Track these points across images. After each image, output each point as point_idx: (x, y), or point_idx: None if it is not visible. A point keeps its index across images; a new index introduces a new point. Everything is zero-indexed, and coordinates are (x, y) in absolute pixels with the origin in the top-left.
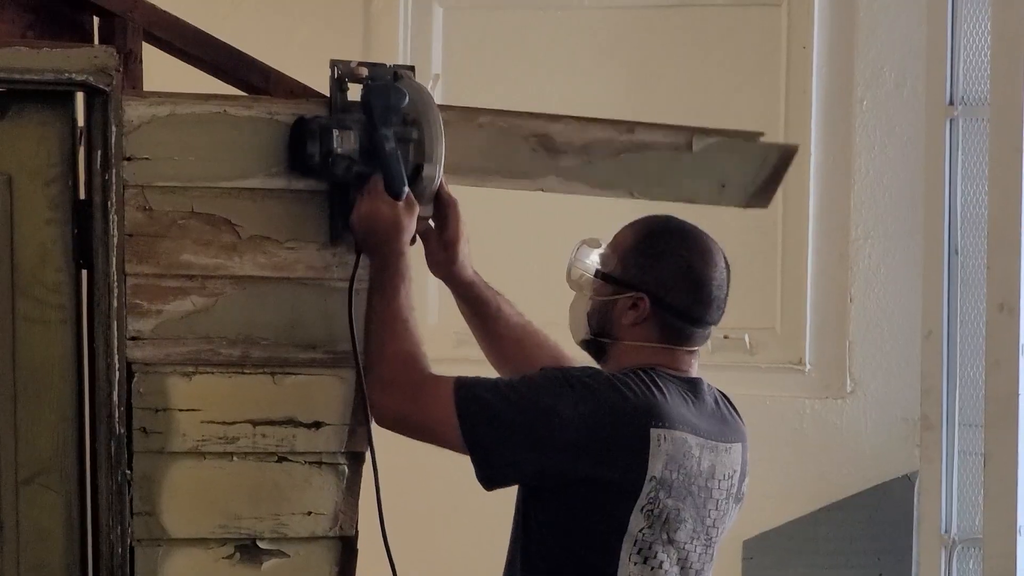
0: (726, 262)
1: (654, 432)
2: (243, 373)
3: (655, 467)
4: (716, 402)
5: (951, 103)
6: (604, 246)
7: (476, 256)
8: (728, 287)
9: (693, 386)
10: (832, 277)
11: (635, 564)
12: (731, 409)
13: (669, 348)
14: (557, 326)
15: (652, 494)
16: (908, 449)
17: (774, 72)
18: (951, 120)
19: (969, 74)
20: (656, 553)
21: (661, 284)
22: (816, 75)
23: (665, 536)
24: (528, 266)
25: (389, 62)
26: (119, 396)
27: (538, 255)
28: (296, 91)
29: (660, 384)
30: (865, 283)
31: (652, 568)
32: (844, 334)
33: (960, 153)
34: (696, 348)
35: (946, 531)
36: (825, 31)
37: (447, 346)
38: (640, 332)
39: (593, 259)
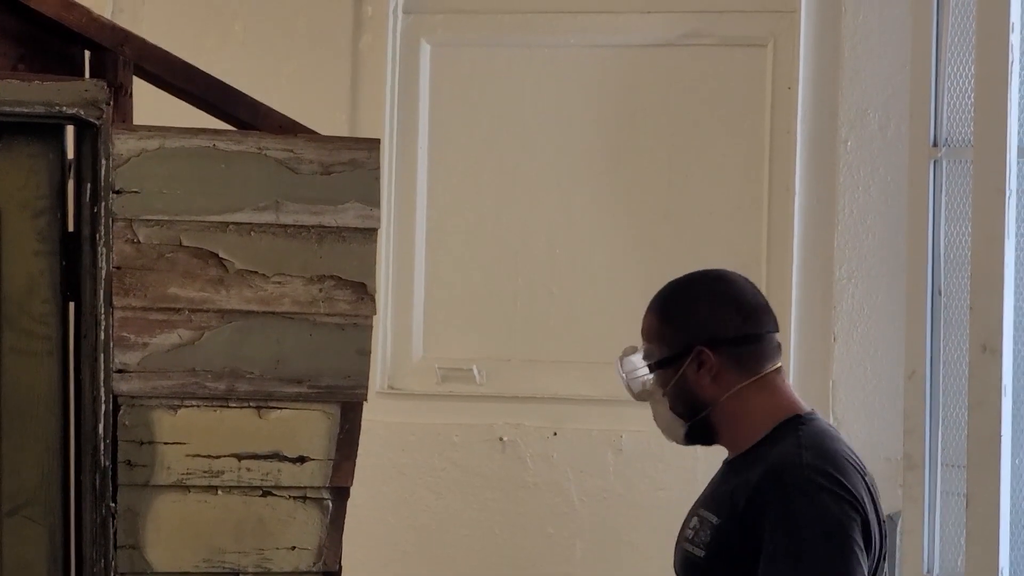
0: (743, 276)
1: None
2: (228, 407)
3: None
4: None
5: (935, 144)
6: (640, 346)
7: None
8: (761, 294)
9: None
10: (815, 316)
11: None
12: None
13: (760, 378)
14: None
15: None
16: (891, 489)
17: (759, 112)
18: (935, 161)
19: (953, 116)
20: None
21: (704, 327)
22: (801, 116)
23: None
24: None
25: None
26: (104, 429)
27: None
28: (285, 126)
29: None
30: (848, 323)
31: None
32: (827, 373)
33: (944, 194)
34: (780, 364)
35: (928, 571)
36: (810, 72)
37: (431, 382)
38: (725, 381)
39: (639, 362)
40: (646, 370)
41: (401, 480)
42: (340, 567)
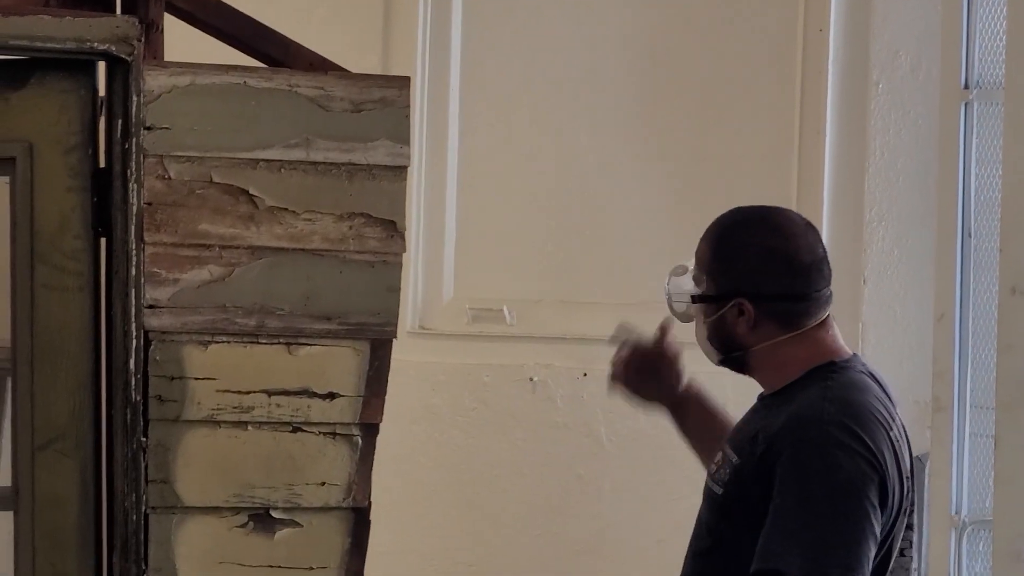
0: (806, 222)
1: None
2: (258, 343)
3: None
4: (872, 377)
5: (966, 87)
6: (691, 267)
7: None
8: (820, 244)
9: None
10: (846, 259)
11: None
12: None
13: (800, 334)
14: None
15: None
16: (919, 431)
17: (791, 54)
18: (966, 104)
19: (984, 58)
20: None
21: (750, 280)
22: (832, 58)
23: None
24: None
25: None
26: (135, 364)
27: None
28: (316, 64)
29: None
30: (879, 265)
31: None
32: (857, 316)
33: (974, 137)
34: (826, 317)
35: (956, 512)
36: (841, 14)
37: (461, 322)
38: (763, 333)
39: (687, 285)
40: (689, 300)
41: (431, 420)
42: (369, 503)
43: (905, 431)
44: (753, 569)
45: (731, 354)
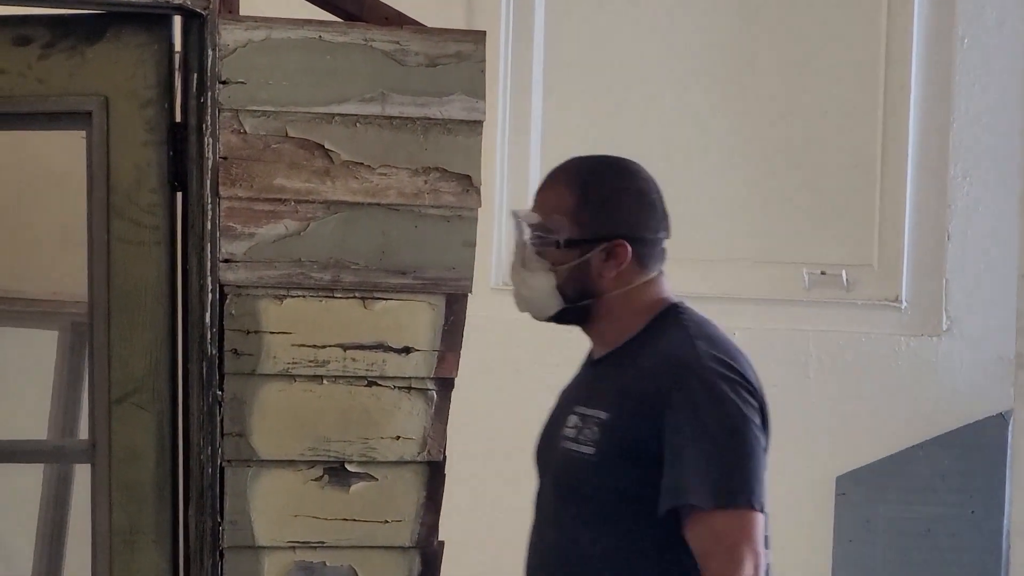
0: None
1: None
2: (334, 297)
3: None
4: None
5: None
6: (535, 212)
7: None
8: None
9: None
10: (930, 215)
11: None
12: None
13: (651, 279)
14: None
15: None
16: (1003, 388)
17: (875, 10)
18: None
19: None
20: None
21: (628, 222)
22: (917, 13)
23: None
24: None
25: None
26: (211, 318)
27: None
28: (391, 18)
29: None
30: (963, 221)
31: None
32: (941, 272)
33: None
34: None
35: None
36: None
37: None
38: (625, 277)
39: (540, 231)
40: (555, 244)
41: (515, 377)
42: (444, 457)
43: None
44: (665, 508)
45: (581, 302)
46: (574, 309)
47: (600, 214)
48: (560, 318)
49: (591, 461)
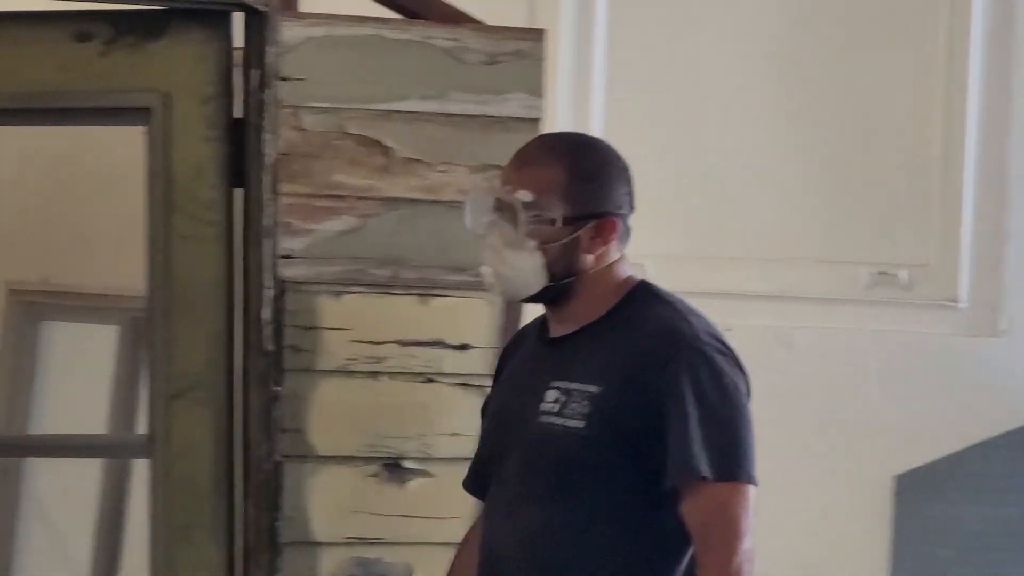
0: None
1: None
2: (392, 294)
3: None
4: None
5: None
6: (517, 191)
7: None
8: None
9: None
10: (989, 214)
11: None
12: None
13: (623, 256)
14: None
15: None
16: None
17: (935, 8)
18: None
19: None
20: None
21: (616, 199)
22: (977, 11)
23: None
24: None
25: None
26: (270, 314)
27: None
28: (450, 16)
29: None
30: (1023, 221)
31: None
32: (1000, 272)
33: None
34: None
35: None
36: None
37: None
38: (609, 253)
39: (531, 208)
40: (537, 219)
41: None
42: None
43: None
44: (673, 482)
45: (565, 280)
46: (555, 287)
47: (593, 189)
48: (536, 298)
49: (580, 434)
